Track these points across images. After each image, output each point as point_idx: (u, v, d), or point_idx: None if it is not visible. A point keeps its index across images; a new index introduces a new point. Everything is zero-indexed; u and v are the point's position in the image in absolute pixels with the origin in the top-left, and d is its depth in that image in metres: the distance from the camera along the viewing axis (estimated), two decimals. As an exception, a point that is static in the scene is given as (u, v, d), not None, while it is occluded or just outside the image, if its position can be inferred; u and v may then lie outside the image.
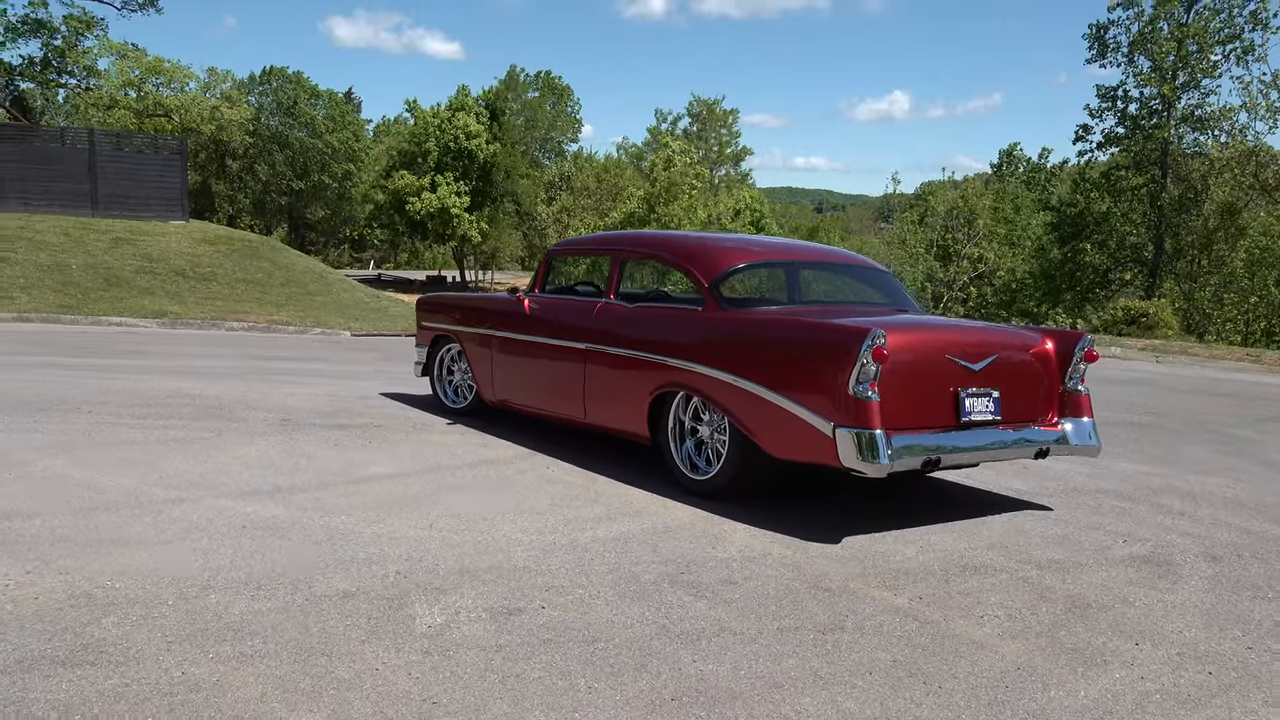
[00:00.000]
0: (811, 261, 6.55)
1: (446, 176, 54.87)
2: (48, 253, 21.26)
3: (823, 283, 6.51)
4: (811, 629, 3.82)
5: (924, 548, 4.99)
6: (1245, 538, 5.50)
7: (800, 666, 3.46)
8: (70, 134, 33.08)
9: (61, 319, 17.28)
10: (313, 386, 9.50)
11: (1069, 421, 5.77)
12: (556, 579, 4.23)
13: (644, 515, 5.35)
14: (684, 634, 3.70)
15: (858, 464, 4.86)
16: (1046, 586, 4.47)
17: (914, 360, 5.17)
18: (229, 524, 4.77)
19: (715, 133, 58.83)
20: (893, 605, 4.12)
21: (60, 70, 61.44)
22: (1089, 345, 5.79)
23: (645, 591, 4.13)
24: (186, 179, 32.90)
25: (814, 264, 6.54)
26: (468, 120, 54.74)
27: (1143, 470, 7.31)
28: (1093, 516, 5.81)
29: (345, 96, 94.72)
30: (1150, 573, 4.75)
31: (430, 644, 3.48)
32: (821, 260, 6.76)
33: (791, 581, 4.36)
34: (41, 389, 8.23)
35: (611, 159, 51.20)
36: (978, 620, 4.00)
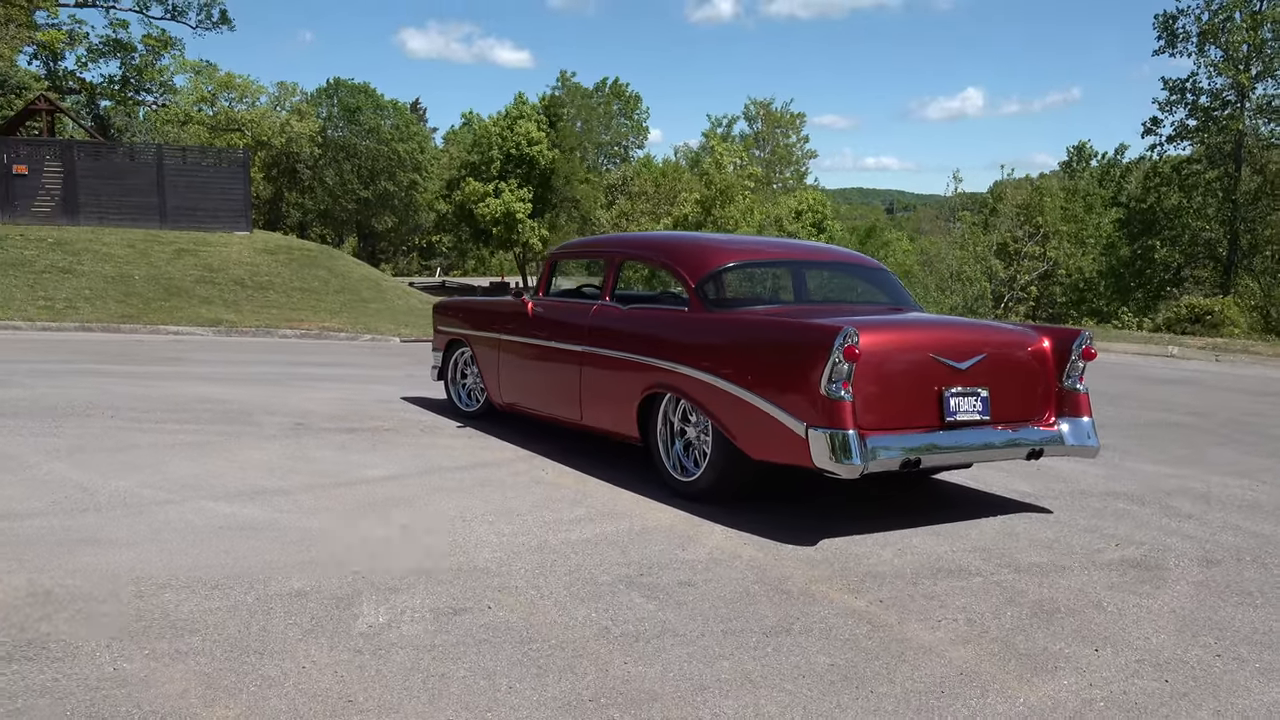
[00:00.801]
0: (805, 261, 6.47)
1: (510, 183, 55.41)
2: (113, 264, 21.99)
3: (816, 282, 6.42)
4: (757, 631, 3.76)
5: (903, 550, 4.89)
6: (1251, 541, 5.28)
7: (733, 669, 3.41)
8: (140, 149, 34.19)
9: (121, 328, 17.85)
10: (337, 391, 9.67)
11: (1066, 421, 5.60)
12: (513, 580, 4.24)
13: (624, 517, 5.34)
14: (624, 636, 3.67)
15: (830, 465, 4.79)
16: (1019, 590, 4.35)
17: (893, 359, 5.07)
18: (208, 525, 4.87)
19: (773, 136, 58.45)
20: (849, 608, 4.05)
21: (139, 88, 63.66)
22: (1087, 342, 5.62)
23: (599, 593, 4.12)
24: (249, 191, 33.77)
25: (807, 263, 6.46)
26: (528, 127, 55.24)
27: (1163, 472, 7.07)
28: (1092, 519, 5.64)
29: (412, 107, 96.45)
30: (1135, 577, 4.59)
31: (365, 643, 3.51)
32: (816, 259, 6.67)
33: (752, 584, 4.30)
34: (72, 395, 8.51)
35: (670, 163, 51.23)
36: (933, 624, 3.91)
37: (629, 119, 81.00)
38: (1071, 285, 41.32)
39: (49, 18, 54.65)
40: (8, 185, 30.52)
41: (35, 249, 22.25)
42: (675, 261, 6.14)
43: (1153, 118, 38.26)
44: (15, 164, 30.61)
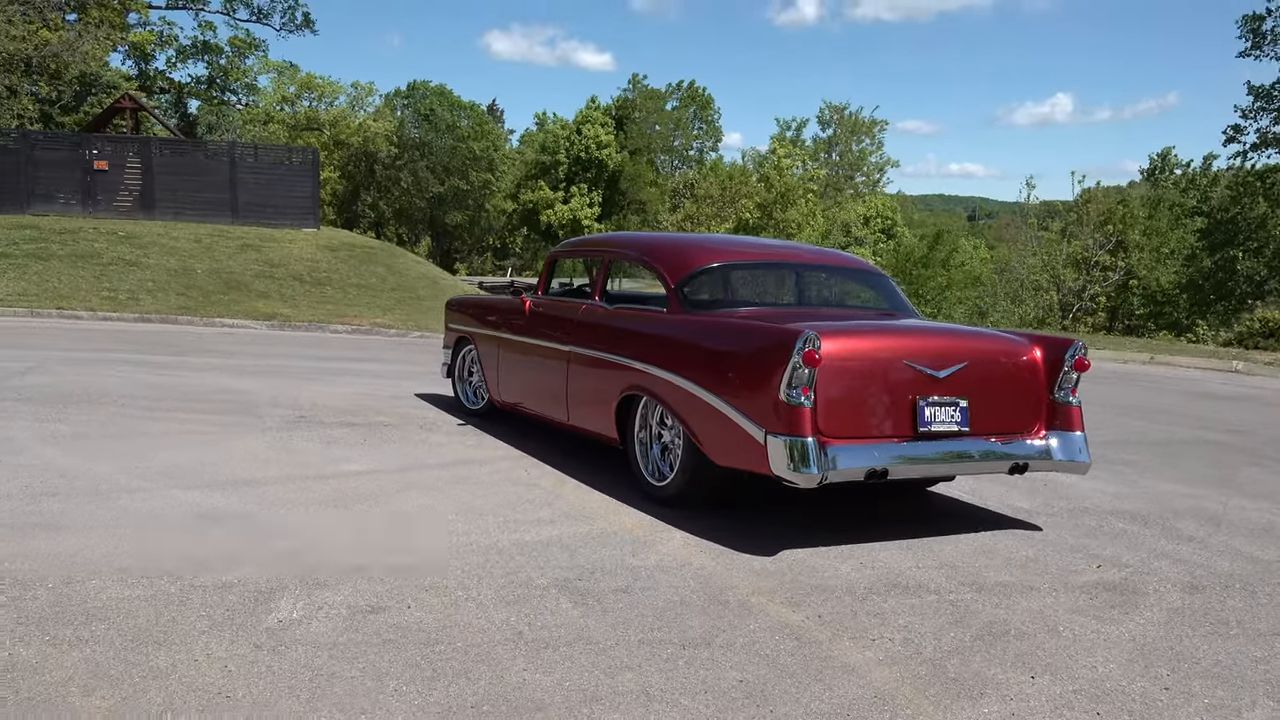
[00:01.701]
0: (795, 264, 6.30)
1: (580, 188, 55.78)
2: (177, 258, 22.61)
3: (807, 286, 6.23)
4: (676, 643, 3.63)
5: (865, 564, 4.70)
6: (1247, 568, 4.96)
7: (634, 682, 3.29)
8: (214, 147, 35.13)
9: (179, 320, 18.31)
10: (358, 385, 9.75)
11: (1056, 435, 5.34)
12: (446, 579, 4.17)
13: (589, 520, 5.24)
14: (535, 642, 3.58)
15: (788, 473, 4.62)
16: (972, 611, 4.14)
17: (862, 366, 4.88)
18: (170, 514, 4.91)
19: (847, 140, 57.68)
20: (783, 622, 3.89)
21: (224, 88, 65.54)
22: (1080, 353, 5.35)
23: (527, 597, 4.03)
24: (318, 188, 34.47)
25: (797, 266, 6.28)
26: (597, 131, 55.52)
27: (1180, 491, 6.71)
28: (1082, 538, 5.37)
29: (489, 109, 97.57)
30: (1105, 601, 4.34)
31: (268, 639, 3.47)
32: (807, 262, 6.47)
33: (691, 593, 4.17)
34: (95, 383, 8.72)
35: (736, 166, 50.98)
36: (866, 643, 3.73)
37: (703, 121, 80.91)
38: (1148, 297, 39.89)
39: (141, 20, 56.63)
40: (89, 180, 31.65)
41: (105, 242, 22.98)
42: (657, 261, 6.02)
43: (1234, 125, 36.70)
44: (97, 160, 31.73)
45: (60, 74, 47.98)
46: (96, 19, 51.29)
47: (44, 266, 20.08)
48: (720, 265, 5.98)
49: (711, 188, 45.84)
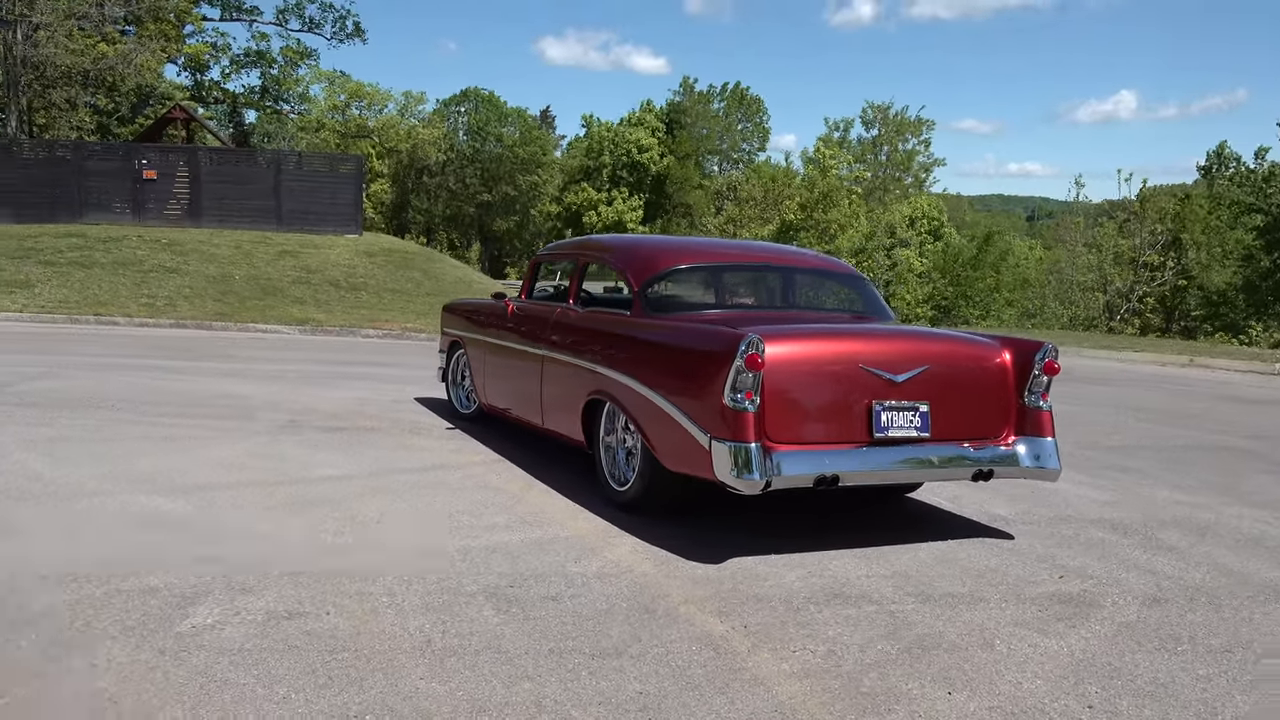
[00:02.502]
0: (765, 265, 6.19)
1: (623, 191, 55.85)
2: (216, 264, 23.04)
3: (774, 288, 6.13)
4: (588, 653, 3.57)
5: (813, 572, 4.59)
6: (1221, 581, 4.76)
7: (530, 692, 3.24)
8: (259, 155, 35.79)
9: (213, 325, 18.64)
10: (361, 390, 9.82)
11: (1024, 441, 5.18)
12: (375, 585, 4.15)
13: (544, 525, 5.19)
14: (442, 650, 3.54)
15: (731, 479, 4.53)
16: (910, 622, 4.01)
17: (812, 369, 4.77)
18: (127, 518, 4.96)
19: (893, 140, 57.02)
20: (705, 633, 3.81)
21: (277, 97, 66.78)
22: (1050, 356, 5.18)
23: (452, 604, 3.99)
24: (361, 195, 34.95)
25: (768, 268, 6.17)
26: (640, 134, 55.54)
27: (1175, 499, 6.48)
28: (1053, 548, 5.19)
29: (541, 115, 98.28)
30: (1055, 614, 4.18)
31: (174, 644, 3.47)
32: (778, 264, 6.36)
33: (621, 601, 4.10)
34: (101, 388, 8.88)
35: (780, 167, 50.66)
36: (786, 655, 3.63)
37: (752, 123, 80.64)
38: (1206, 298, 38.80)
39: (195, 31, 57.94)
40: (139, 189, 32.41)
41: (147, 249, 23.51)
42: (624, 264, 5.96)
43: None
44: (146, 169, 32.48)
45: (117, 86, 49.27)
46: (153, 32, 52.62)
47: (86, 274, 20.57)
48: (685, 267, 5.91)
49: (754, 190, 45.61)
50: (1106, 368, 15.98)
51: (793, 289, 6.13)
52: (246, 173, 33.45)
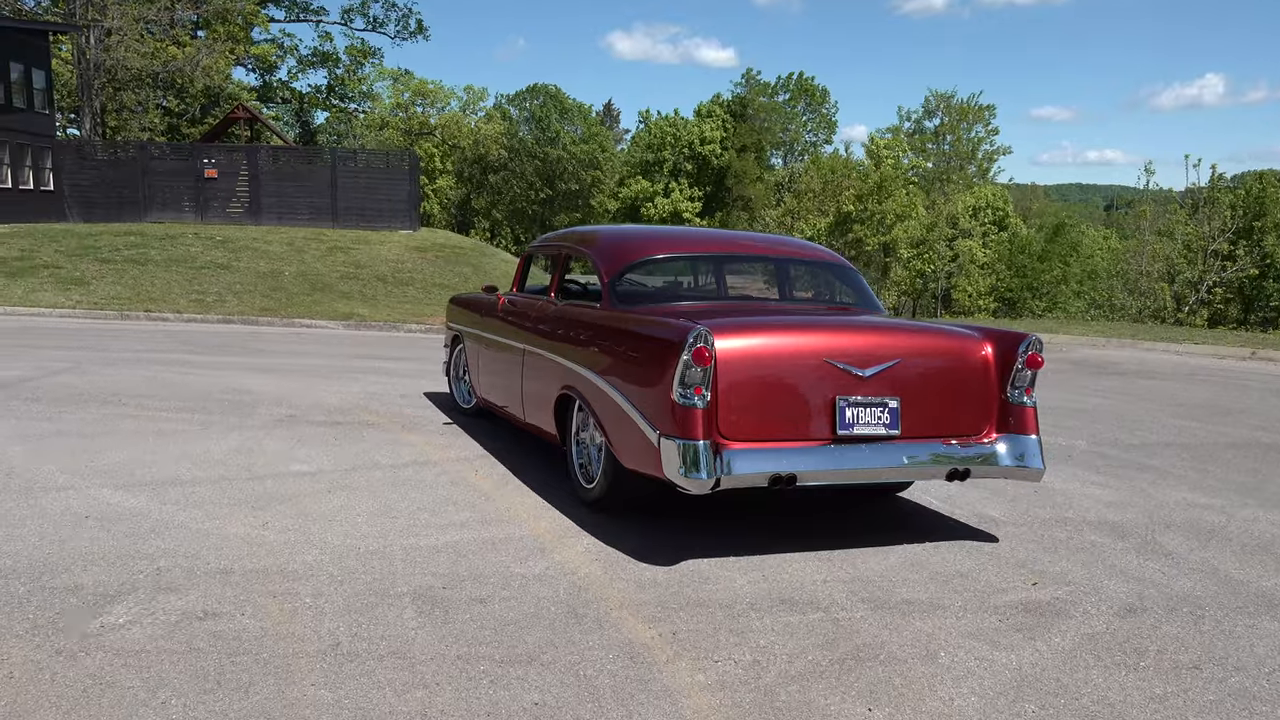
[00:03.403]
0: (745, 255, 5.95)
1: (681, 183, 55.56)
2: (267, 261, 23.40)
3: (750, 278, 5.90)
4: (496, 660, 3.42)
5: (768, 575, 4.38)
6: (1212, 589, 4.43)
7: (424, 701, 3.10)
8: (316, 153, 36.34)
9: (259, 321, 18.90)
10: (372, 384, 9.80)
11: (1006, 439, 4.89)
12: (302, 586, 4.06)
13: (505, 524, 5.06)
14: (347, 654, 3.42)
15: (679, 478, 4.34)
16: (854, 631, 3.79)
17: (770, 363, 4.54)
18: (81, 513, 4.94)
19: (956, 128, 55.74)
20: (629, 640, 3.63)
21: (342, 96, 67.86)
22: (1034, 349, 4.88)
23: (376, 605, 3.88)
24: (415, 191, 35.28)
25: (747, 258, 5.94)
26: (706, 128, 55.17)
27: (1190, 500, 6.09)
28: (1038, 552, 4.90)
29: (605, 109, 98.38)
30: (1016, 624, 3.92)
31: (76, 644, 3.41)
32: (760, 254, 6.10)
33: (552, 605, 3.95)
34: (114, 383, 8.99)
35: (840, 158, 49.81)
36: (707, 665, 3.44)
37: (818, 114, 79.65)
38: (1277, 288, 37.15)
39: (262, 33, 59.16)
40: (201, 188, 33.16)
41: (201, 246, 23.98)
42: (596, 255, 5.79)
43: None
44: (207, 168, 33.22)
45: (186, 88, 50.52)
46: (222, 34, 53.84)
47: (140, 271, 21.05)
48: (658, 258, 5.72)
49: (813, 181, 45.00)
50: (1159, 360, 15.32)
51: (773, 279, 5.90)
52: (304, 170, 34.01)
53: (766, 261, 6.05)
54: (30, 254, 21.28)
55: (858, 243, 39.34)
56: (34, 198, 30.66)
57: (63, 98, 47.49)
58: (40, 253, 21.47)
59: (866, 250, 39.65)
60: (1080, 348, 17.20)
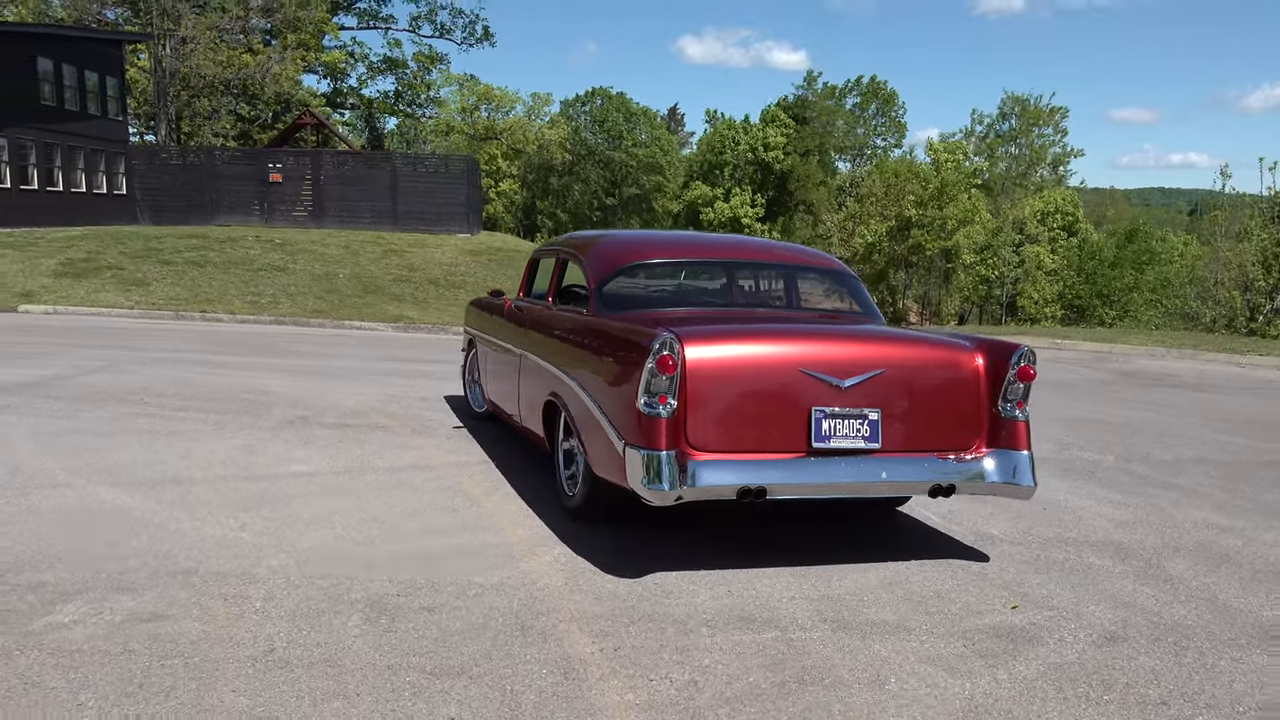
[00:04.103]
0: (731, 261, 5.80)
1: (745, 187, 55.30)
2: (323, 264, 23.80)
3: (745, 284, 5.76)
4: (427, 672, 3.36)
5: (732, 591, 4.26)
6: (1207, 618, 4.18)
7: (339, 712, 3.06)
8: (376, 158, 36.91)
9: (309, 323, 19.22)
10: (395, 387, 9.85)
11: (995, 455, 4.69)
12: (257, 589, 4.05)
13: (483, 532, 5.01)
14: (278, 661, 3.39)
15: (642, 489, 4.24)
16: (806, 653, 3.65)
17: (742, 372, 4.41)
18: (64, 511, 5.02)
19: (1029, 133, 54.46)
20: (568, 655, 3.54)
21: (410, 102, 68.96)
22: (1026, 360, 4.68)
23: (323, 612, 3.85)
24: (474, 196, 35.63)
25: (740, 264, 5.80)
26: (770, 132, 54.80)
27: (1210, 522, 5.79)
28: (1028, 574, 4.69)
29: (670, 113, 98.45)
30: (980, 650, 3.74)
31: (16, 643, 3.44)
32: (746, 259, 5.93)
33: (501, 616, 3.88)
34: (141, 383, 9.17)
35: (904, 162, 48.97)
36: (640, 684, 3.34)
37: (887, 118, 78.72)
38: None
39: (333, 40, 60.41)
40: (266, 192, 33.91)
41: (260, 249, 24.48)
42: (585, 260, 5.71)
43: None
44: (272, 173, 33.96)
45: (257, 95, 51.77)
46: (293, 42, 55.11)
47: (200, 273, 21.56)
48: (646, 263, 5.62)
49: (875, 186, 44.40)
50: (1219, 373, 14.72)
51: (767, 286, 5.76)
52: (364, 175, 34.58)
53: (761, 268, 5.91)
54: (96, 255, 21.93)
55: (918, 248, 38.69)
56: (107, 201, 31.64)
57: (140, 105, 49.05)
58: (106, 254, 22.12)
59: (927, 256, 38.98)
60: (1138, 358, 16.63)
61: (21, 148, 27.30)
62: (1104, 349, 17.73)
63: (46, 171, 28.57)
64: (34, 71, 27.80)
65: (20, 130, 27.05)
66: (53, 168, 28.87)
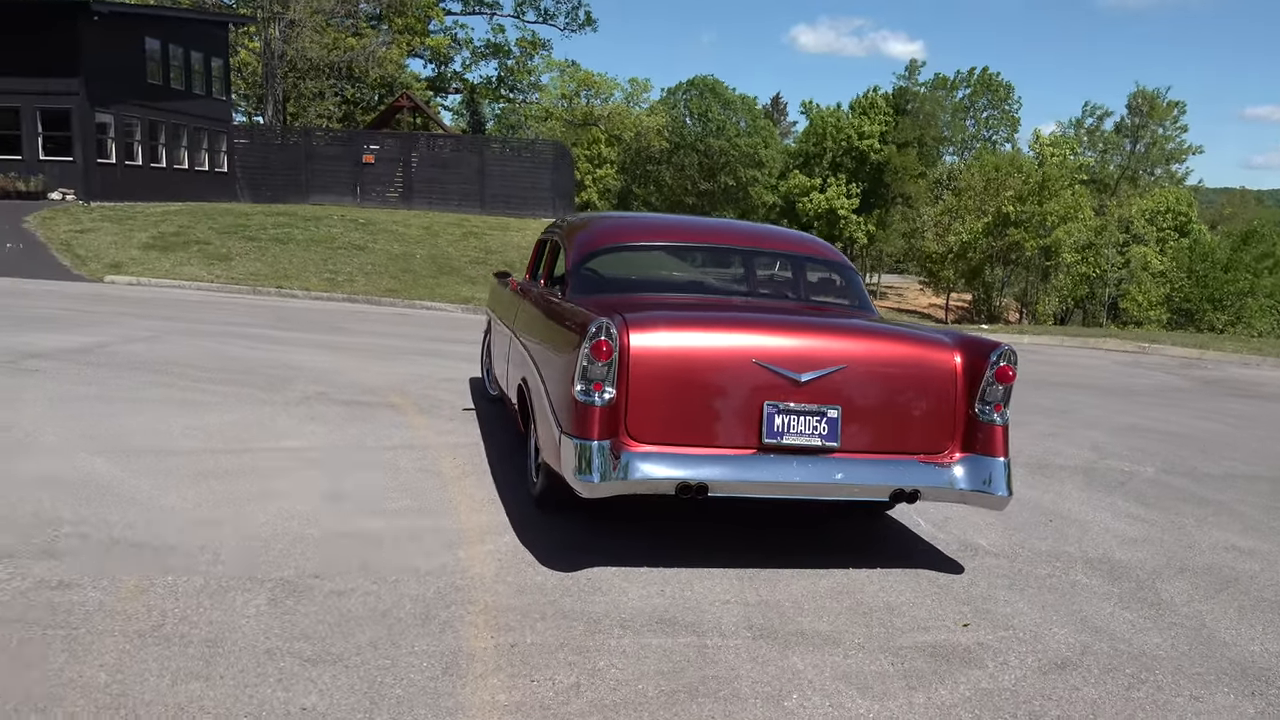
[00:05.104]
0: (717, 246, 5.54)
1: (840, 178, 54.28)
2: (402, 244, 24.16)
3: (724, 270, 5.50)
4: (305, 659, 3.26)
5: (665, 591, 4.06)
6: (1184, 649, 3.81)
7: (194, 694, 2.97)
8: (465, 142, 37.34)
9: (381, 301, 19.51)
10: (424, 367, 9.85)
11: (968, 461, 4.36)
12: (179, 562, 4.02)
13: (437, 515, 4.91)
14: (159, 637, 3.33)
15: (572, 479, 4.07)
16: (712, 661, 3.43)
17: (691, 362, 4.18)
18: (38, 477, 5.08)
19: (1145, 128, 51.95)
20: (458, 649, 3.40)
21: (511, 87, 69.67)
22: (1005, 360, 4.33)
23: (232, 589, 3.79)
24: (564, 180, 35.77)
25: (720, 249, 5.52)
26: (862, 121, 53.65)
27: (1232, 543, 5.33)
28: (998, 590, 4.36)
29: (773, 102, 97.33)
30: (910, 669, 3.46)
31: (-85, 603, 3.46)
32: (732, 245, 5.62)
33: (410, 604, 3.76)
34: (178, 353, 9.37)
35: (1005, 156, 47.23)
36: (520, 685, 3.17)
37: (1000, 110, 76.39)
38: None
39: (437, 25, 61.42)
40: (359, 173, 34.66)
41: (342, 227, 24.98)
42: (568, 242, 5.54)
43: None
44: (365, 154, 34.68)
45: (362, 78, 52.98)
46: (400, 27, 56.19)
47: (281, 249, 22.10)
48: (625, 246, 5.41)
49: (974, 179, 43.04)
50: (1315, 385, 13.76)
51: (750, 272, 5.48)
52: (454, 158, 35.04)
53: (747, 254, 5.63)
54: (186, 230, 22.68)
55: (1016, 245, 37.33)
56: (209, 178, 32.76)
57: (250, 87, 50.68)
58: (195, 229, 22.85)
59: (1025, 254, 37.60)
60: (1227, 365, 15.67)
61: (128, 125, 28.42)
62: (1194, 354, 16.76)
63: (151, 148, 29.69)
64: (142, 51, 28.89)
65: (126, 108, 28.16)
66: (157, 145, 29.99)
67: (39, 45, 25.57)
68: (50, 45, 25.57)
